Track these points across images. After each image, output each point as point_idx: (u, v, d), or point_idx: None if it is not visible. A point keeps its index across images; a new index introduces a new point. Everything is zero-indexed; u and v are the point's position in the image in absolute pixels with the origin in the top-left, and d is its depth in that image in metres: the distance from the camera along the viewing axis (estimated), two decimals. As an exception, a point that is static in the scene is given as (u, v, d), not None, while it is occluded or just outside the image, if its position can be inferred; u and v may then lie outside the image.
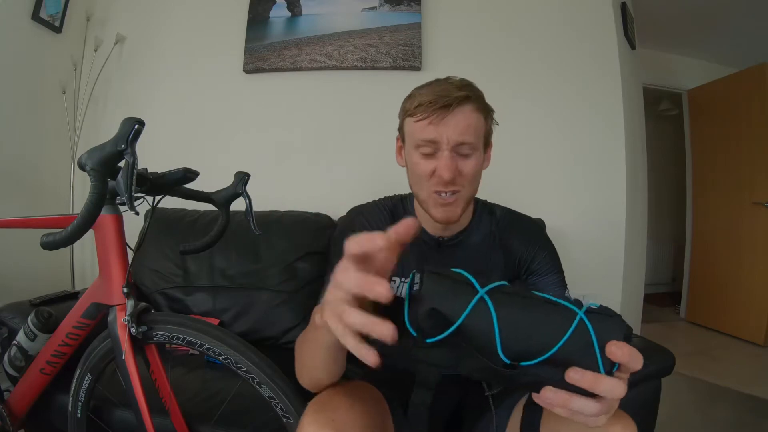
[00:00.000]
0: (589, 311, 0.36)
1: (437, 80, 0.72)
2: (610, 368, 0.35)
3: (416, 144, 0.70)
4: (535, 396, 0.36)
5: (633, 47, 2.05)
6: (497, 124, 0.76)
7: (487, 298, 0.35)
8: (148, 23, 1.89)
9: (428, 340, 0.36)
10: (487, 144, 0.75)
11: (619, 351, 0.34)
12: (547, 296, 0.37)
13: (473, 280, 0.37)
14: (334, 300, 0.38)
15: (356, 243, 0.37)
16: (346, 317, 0.36)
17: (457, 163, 0.68)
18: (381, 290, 0.34)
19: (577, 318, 0.35)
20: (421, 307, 0.36)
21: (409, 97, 0.73)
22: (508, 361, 0.35)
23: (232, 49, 1.81)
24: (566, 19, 1.74)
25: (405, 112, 0.73)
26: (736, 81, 2.88)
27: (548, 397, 0.36)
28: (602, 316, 0.36)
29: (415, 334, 0.36)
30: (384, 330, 0.34)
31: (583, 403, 0.35)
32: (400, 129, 0.77)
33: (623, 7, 1.91)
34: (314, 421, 0.58)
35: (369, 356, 0.35)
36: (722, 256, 2.98)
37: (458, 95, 0.66)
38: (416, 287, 0.37)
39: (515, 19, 1.76)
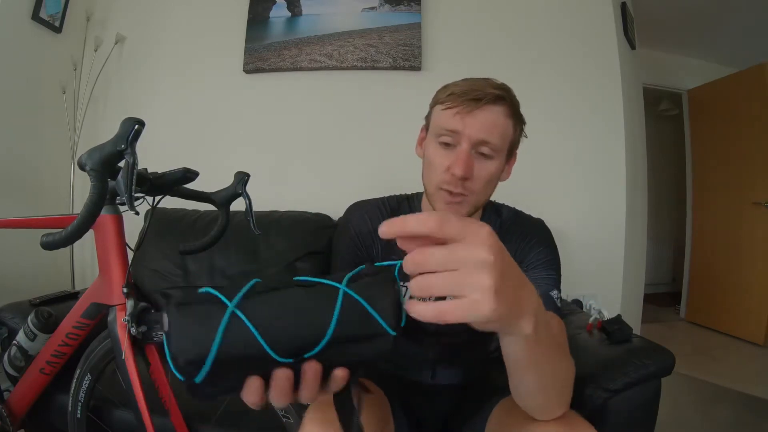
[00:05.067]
0: (352, 280, 0.35)
1: (476, 78, 0.70)
2: (397, 324, 0.34)
3: (438, 132, 0.68)
4: (411, 312, 0.32)
5: (633, 47, 2.05)
6: (526, 136, 0.73)
7: (237, 311, 0.33)
8: (148, 23, 1.89)
9: (197, 380, 0.32)
10: (510, 154, 0.72)
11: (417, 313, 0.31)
12: (307, 278, 0.35)
13: (220, 296, 0.33)
14: None
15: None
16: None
17: (473, 162, 0.65)
18: None
19: (340, 293, 0.34)
20: (176, 355, 0.32)
21: (444, 87, 0.70)
22: (289, 360, 0.33)
23: (232, 49, 1.81)
24: (566, 19, 1.74)
25: (436, 101, 0.71)
26: (736, 81, 2.88)
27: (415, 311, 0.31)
28: (366, 281, 0.35)
29: (183, 378, 0.32)
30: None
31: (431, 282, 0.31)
32: (427, 117, 0.75)
33: (623, 7, 1.91)
34: (315, 418, 0.59)
35: None
36: (722, 256, 2.98)
37: (492, 92, 0.64)
38: (166, 330, 0.33)
39: (515, 19, 1.76)
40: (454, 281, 0.30)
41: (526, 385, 0.51)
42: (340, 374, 0.35)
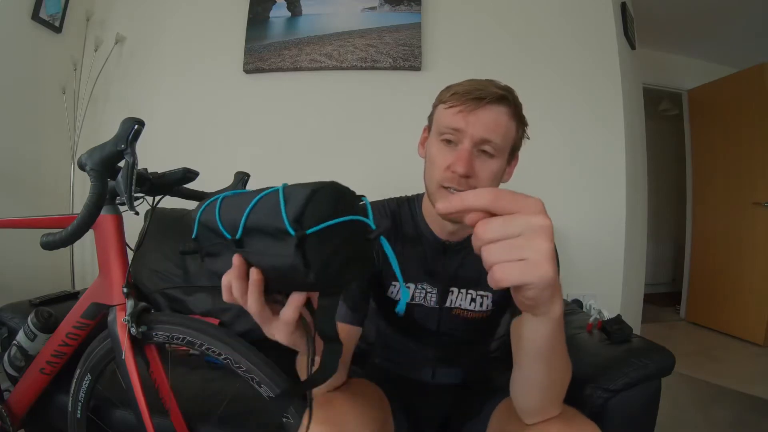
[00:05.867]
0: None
1: (480, 79, 0.70)
2: (301, 227, 0.33)
3: (440, 131, 0.69)
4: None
5: (633, 47, 2.05)
6: (528, 138, 0.73)
7: (218, 203, 0.41)
8: (148, 23, 1.89)
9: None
10: (513, 156, 0.72)
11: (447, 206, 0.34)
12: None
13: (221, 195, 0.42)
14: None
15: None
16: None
17: (474, 161, 0.66)
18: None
19: (270, 190, 0.37)
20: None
21: (447, 87, 0.71)
22: (227, 235, 0.38)
23: (232, 49, 1.82)
24: (566, 19, 1.75)
25: (439, 100, 0.72)
26: (736, 81, 2.88)
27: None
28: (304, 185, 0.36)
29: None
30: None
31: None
32: (430, 117, 0.75)
33: (623, 7, 1.91)
34: (315, 418, 0.59)
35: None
36: (722, 256, 2.98)
37: (495, 92, 0.65)
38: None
39: (515, 19, 1.76)
40: (515, 245, 0.32)
41: (535, 376, 0.52)
42: (254, 276, 0.37)
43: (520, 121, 0.70)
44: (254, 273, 0.37)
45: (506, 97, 0.66)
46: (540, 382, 0.52)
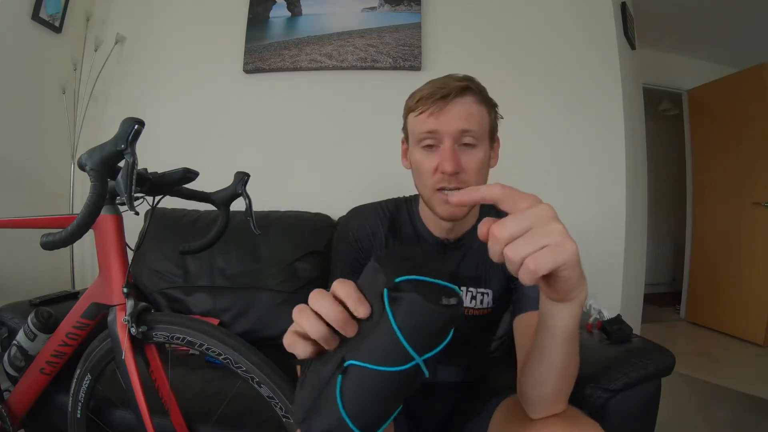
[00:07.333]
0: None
1: (439, 77, 0.71)
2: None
3: (418, 139, 0.69)
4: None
5: (633, 47, 2.05)
6: (502, 117, 0.74)
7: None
8: (148, 23, 1.89)
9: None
10: (492, 139, 0.73)
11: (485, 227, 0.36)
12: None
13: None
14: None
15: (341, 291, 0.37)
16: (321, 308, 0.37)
17: (459, 155, 0.66)
18: (363, 309, 0.36)
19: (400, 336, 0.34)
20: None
21: (411, 95, 0.72)
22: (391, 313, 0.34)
23: (232, 49, 1.81)
24: (566, 19, 1.74)
25: (407, 110, 0.73)
26: (736, 81, 2.88)
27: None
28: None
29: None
30: (360, 306, 0.36)
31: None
32: (404, 129, 0.76)
33: (623, 7, 1.91)
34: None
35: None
36: (722, 256, 2.98)
37: (457, 85, 0.66)
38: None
39: (515, 19, 1.76)
40: (534, 234, 0.34)
41: (557, 360, 0.52)
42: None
43: (490, 104, 0.71)
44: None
45: (469, 87, 0.67)
46: (561, 365, 0.52)
